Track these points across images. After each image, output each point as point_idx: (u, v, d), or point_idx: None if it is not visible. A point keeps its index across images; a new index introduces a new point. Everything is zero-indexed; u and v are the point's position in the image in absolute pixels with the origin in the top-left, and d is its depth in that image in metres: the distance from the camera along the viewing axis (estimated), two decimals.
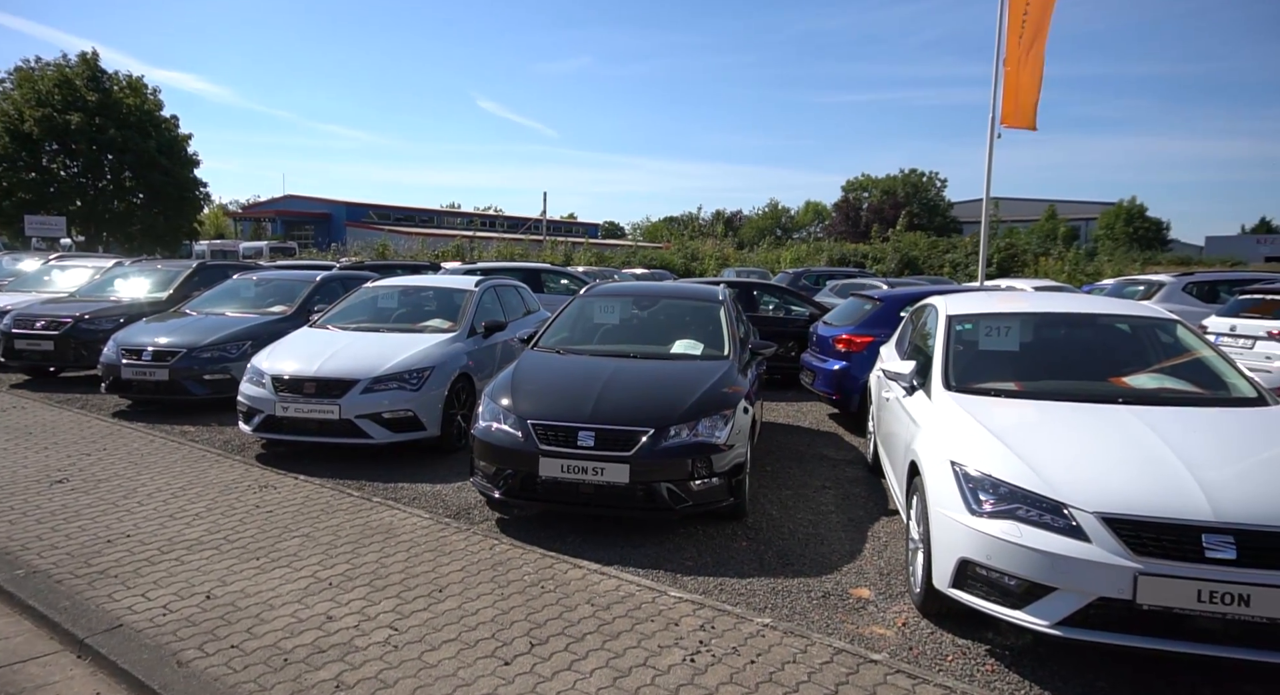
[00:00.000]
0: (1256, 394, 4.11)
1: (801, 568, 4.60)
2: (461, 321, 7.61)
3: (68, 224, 27.75)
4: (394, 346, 6.87)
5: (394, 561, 4.42)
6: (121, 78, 30.85)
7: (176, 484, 5.73)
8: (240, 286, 9.85)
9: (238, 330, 8.45)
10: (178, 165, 31.84)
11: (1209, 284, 13.58)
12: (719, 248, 44.99)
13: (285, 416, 6.34)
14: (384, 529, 4.94)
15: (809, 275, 21.36)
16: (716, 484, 4.88)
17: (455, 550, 4.61)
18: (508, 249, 34.75)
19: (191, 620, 3.65)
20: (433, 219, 70.95)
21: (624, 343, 6.24)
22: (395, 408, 6.42)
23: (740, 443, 5.04)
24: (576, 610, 3.87)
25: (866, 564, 4.67)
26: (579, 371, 5.45)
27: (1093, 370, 4.63)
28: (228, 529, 4.85)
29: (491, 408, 5.12)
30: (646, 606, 3.93)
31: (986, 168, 13.22)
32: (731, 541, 4.97)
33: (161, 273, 11.47)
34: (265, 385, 6.43)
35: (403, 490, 5.87)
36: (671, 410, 4.87)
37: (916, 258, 37.59)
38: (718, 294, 6.67)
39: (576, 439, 4.74)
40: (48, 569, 4.18)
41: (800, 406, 9.74)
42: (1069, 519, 3.23)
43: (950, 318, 4.97)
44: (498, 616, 3.78)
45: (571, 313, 6.64)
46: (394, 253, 30.03)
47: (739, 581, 4.36)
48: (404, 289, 8.31)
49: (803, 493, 6.09)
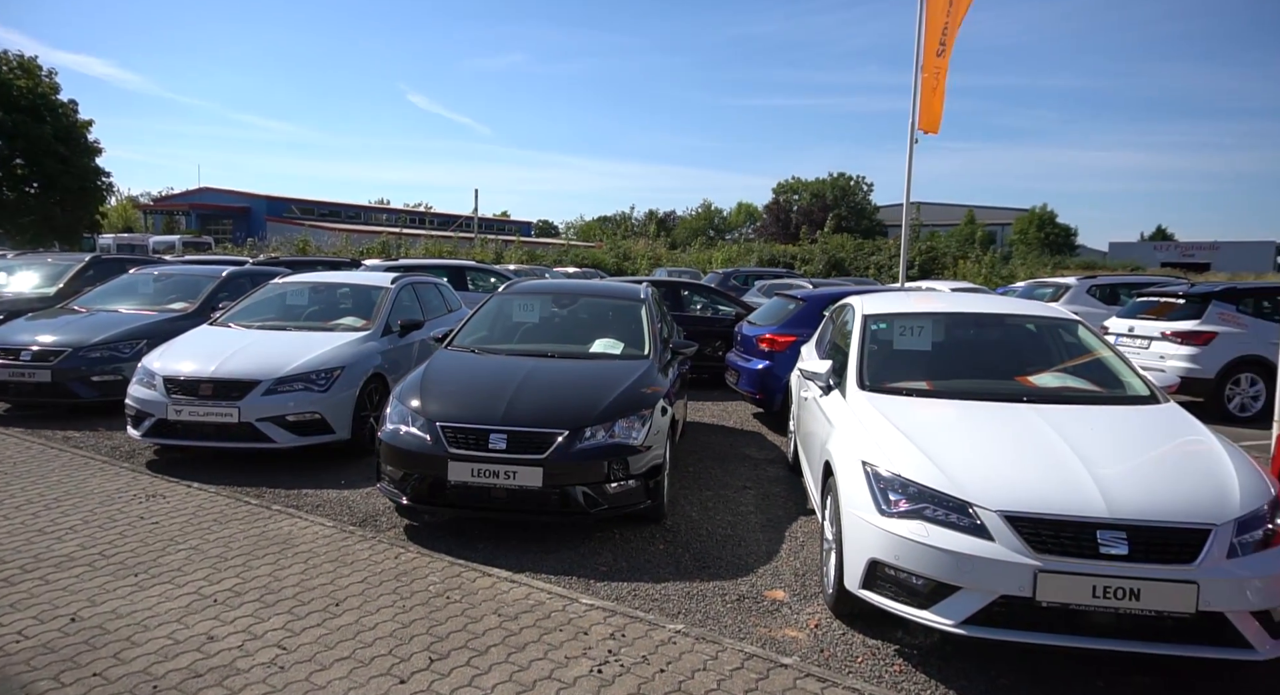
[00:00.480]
0: (1149, 392, 4.25)
1: (718, 570, 4.53)
2: (376, 320, 7.30)
3: None
4: (301, 345, 6.53)
5: (289, 574, 4.15)
6: (12, 57, 28.82)
7: (51, 495, 5.29)
8: (137, 282, 9.25)
9: (131, 328, 7.91)
10: (76, 153, 29.89)
11: (1110, 287, 14.27)
12: (651, 247, 45.11)
13: (179, 420, 5.93)
14: (281, 539, 4.65)
15: (738, 275, 21.56)
16: (633, 486, 4.78)
17: (357, 560, 4.37)
18: (436, 246, 33.95)
19: (50, 646, 3.32)
20: (359, 215, 68.94)
21: (542, 342, 6.08)
22: (301, 410, 6.09)
23: (658, 444, 4.95)
24: (482, 621, 3.70)
25: (783, 565, 4.64)
26: (493, 372, 5.26)
27: (1001, 369, 4.72)
28: (104, 543, 4.48)
29: (400, 409, 4.89)
30: (556, 615, 3.79)
31: (907, 172, 13.56)
32: (649, 545, 4.87)
33: (50, 266, 10.72)
34: (156, 387, 6.01)
35: (306, 497, 5.57)
36: (587, 411, 4.75)
37: (843, 259, 38.49)
38: (639, 293, 6.58)
39: (488, 442, 4.57)
40: None
41: (726, 406, 9.75)
42: (974, 518, 3.24)
43: (866, 317, 5.00)
44: (397, 630, 3.58)
45: (488, 311, 6.44)
46: (316, 249, 28.94)
47: (654, 586, 4.26)
48: (315, 286, 7.93)
49: (723, 493, 6.05)
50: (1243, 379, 9.21)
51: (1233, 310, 9.38)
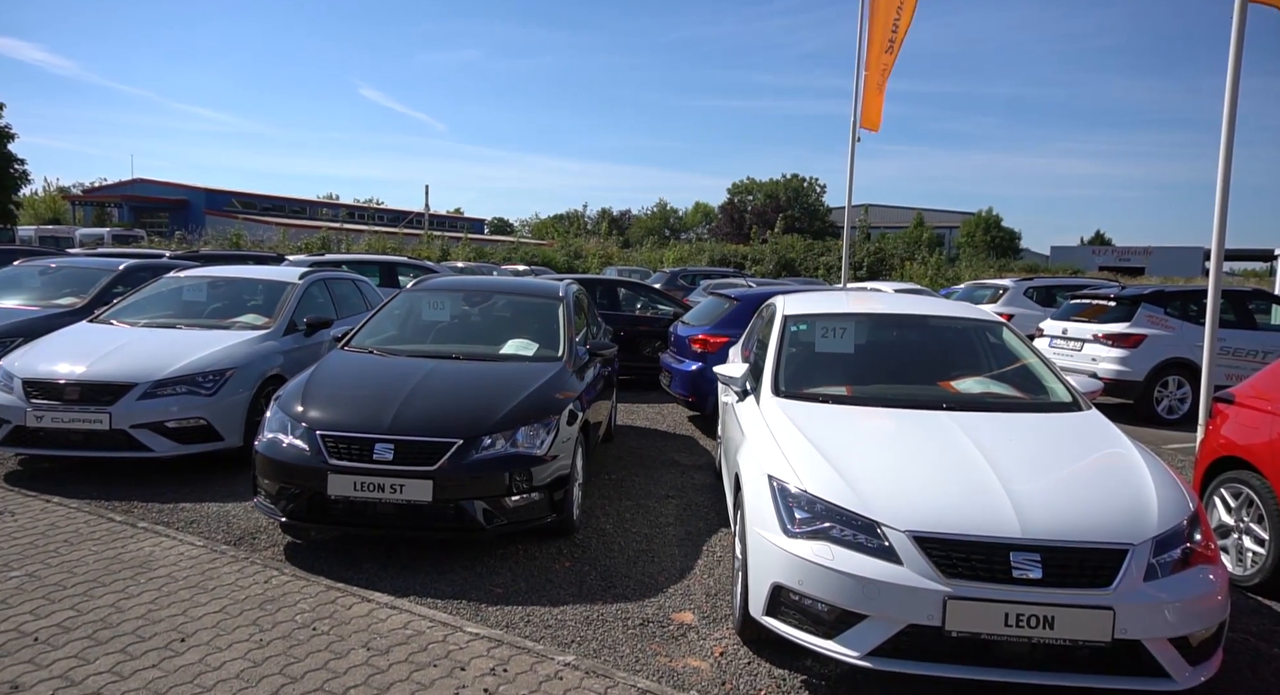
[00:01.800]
0: (1071, 399, 4.05)
1: (624, 590, 4.20)
2: (278, 318, 6.79)
3: None
4: (188, 345, 6.00)
5: (135, 604, 3.69)
6: None
7: None
8: (23, 274, 8.53)
9: (9, 324, 7.24)
10: None
11: (1046, 289, 14.40)
12: (603, 246, 44.76)
13: (40, 427, 5.37)
14: (139, 562, 4.17)
15: (685, 275, 21.36)
16: (537, 499, 4.42)
17: (221, 586, 3.92)
18: (380, 242, 33.00)
19: None
20: (305, 210, 66.90)
21: (451, 342, 5.68)
22: (184, 415, 5.57)
23: (566, 453, 4.61)
24: (347, 657, 3.30)
25: (695, 584, 4.33)
26: (387, 375, 4.85)
27: (924, 373, 4.49)
28: None
29: (279, 417, 4.45)
30: (434, 647, 3.42)
31: (849, 171, 13.46)
32: (553, 562, 4.52)
33: None
34: (14, 390, 5.43)
35: (182, 511, 5.07)
36: (484, 418, 4.37)
37: (794, 260, 38.69)
38: (558, 290, 6.22)
39: (372, 452, 4.16)
40: None
41: (661, 409, 9.45)
42: (881, 539, 2.97)
43: (786, 318, 4.73)
44: (246, 670, 3.16)
45: (394, 308, 6.00)
46: (249, 243, 27.85)
47: (550, 610, 3.91)
48: (214, 280, 7.36)
49: (644, 503, 5.73)
50: (1170, 381, 9.27)
51: (1161, 313, 9.43)
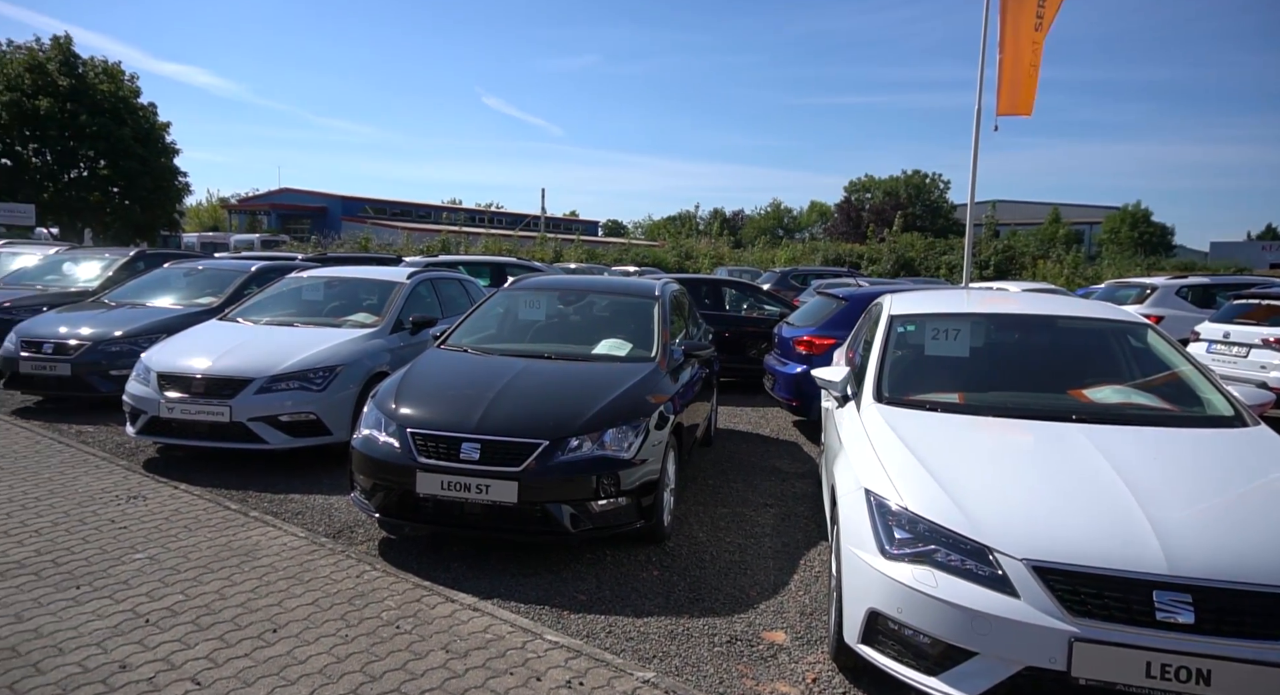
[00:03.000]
0: (1234, 412, 3.50)
1: (713, 604, 4.00)
2: (386, 315, 7.01)
3: (39, 213, 27.18)
4: (302, 342, 6.27)
5: (237, 592, 3.82)
6: (97, 63, 30.27)
7: (35, 493, 5.14)
8: (169, 276, 9.25)
9: (153, 322, 7.85)
10: (155, 154, 31.21)
11: (1204, 288, 12.94)
12: (714, 246, 44.37)
13: (171, 418, 5.74)
14: (245, 550, 4.34)
15: (796, 274, 20.75)
16: (624, 504, 4.28)
17: (316, 578, 4.01)
18: (496, 245, 34.09)
19: None
20: (430, 214, 70.28)
21: (544, 342, 5.64)
22: (296, 410, 5.82)
23: (655, 457, 4.44)
24: (426, 659, 3.27)
25: (789, 601, 4.07)
26: (478, 374, 4.85)
27: (1051, 381, 4.02)
28: (63, 549, 4.25)
29: (374, 414, 4.52)
30: (512, 654, 3.33)
31: (972, 163, 12.59)
32: (641, 570, 4.37)
33: (98, 261, 10.89)
34: (150, 383, 5.84)
35: (291, 502, 5.28)
36: (571, 419, 4.27)
37: (913, 259, 36.94)
38: (653, 289, 6.06)
39: (459, 451, 4.15)
40: None
41: (765, 413, 9.14)
42: (994, 567, 2.62)
43: (892, 318, 4.37)
44: (329, 666, 3.18)
45: (491, 307, 6.04)
46: (377, 246, 29.41)
47: (634, 622, 3.76)
48: (329, 280, 7.70)
49: (740, 512, 5.49)
50: None
51: None
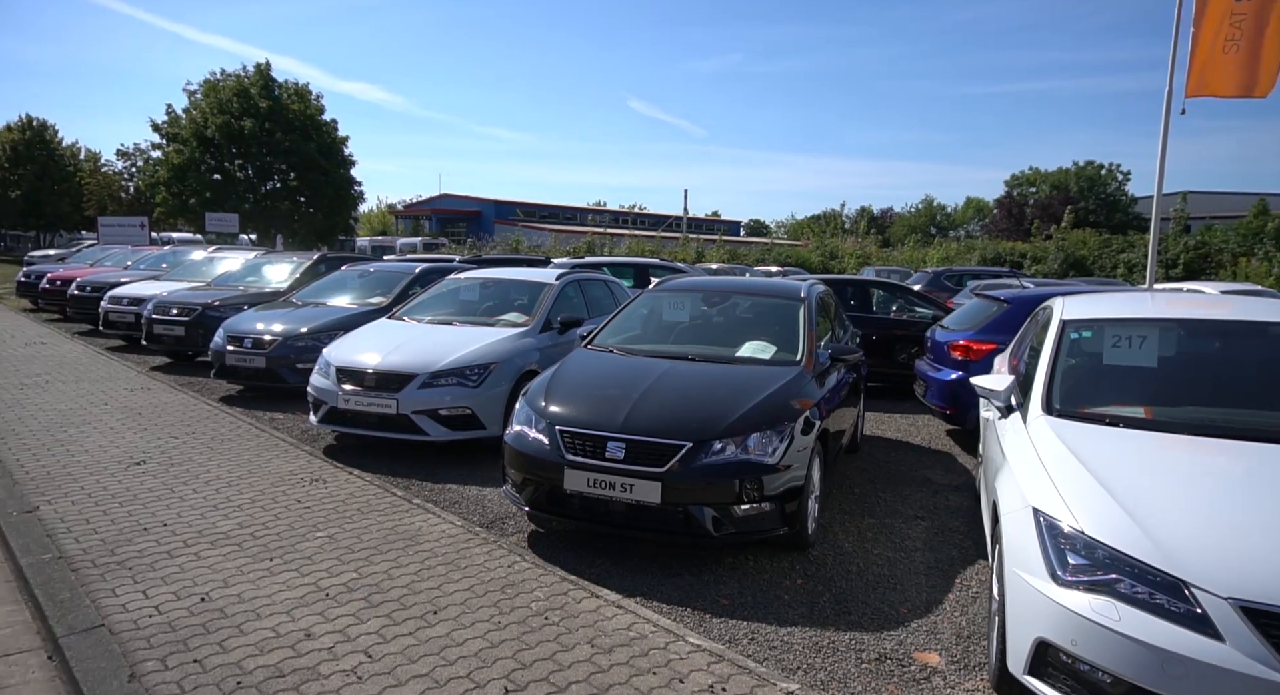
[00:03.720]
0: None
1: (860, 618, 3.86)
2: (535, 316, 7.30)
3: (240, 221, 30.65)
4: (459, 340, 6.66)
5: (403, 573, 4.11)
6: (289, 86, 33.71)
7: (237, 472, 5.77)
8: (346, 278, 10.11)
9: (332, 319, 8.61)
10: (335, 166, 34.36)
11: None
12: (860, 245, 42.83)
13: (347, 409, 6.27)
14: (409, 535, 4.66)
15: (949, 275, 19.62)
16: (767, 510, 4.22)
17: (471, 565, 4.24)
18: (640, 245, 34.68)
19: (174, 625, 3.48)
20: (576, 216, 72.58)
21: (688, 343, 5.66)
22: (454, 404, 6.19)
23: (800, 463, 4.35)
24: (573, 651, 3.37)
25: (944, 621, 3.85)
26: (624, 374, 4.93)
27: (1261, 397, 3.56)
28: (259, 524, 4.75)
29: (525, 411, 4.72)
30: (655, 653, 3.37)
31: (1160, 152, 11.38)
32: (784, 578, 4.29)
33: (288, 264, 12.08)
34: (330, 377, 6.40)
35: (448, 492, 5.62)
36: (715, 422, 4.26)
37: (1085, 257, 33.89)
38: (799, 291, 5.93)
39: (605, 449, 4.24)
40: (75, 554, 4.20)
41: (916, 420, 8.73)
42: (1191, 604, 2.35)
43: (1065, 323, 4.02)
44: (483, 650, 3.35)
45: (636, 308, 6.13)
46: (526, 248, 30.75)
47: (777, 630, 3.69)
48: (485, 282, 8.13)
49: (889, 523, 5.27)
50: None
51: None
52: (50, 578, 3.88)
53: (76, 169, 45.61)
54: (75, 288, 14.66)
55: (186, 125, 31.99)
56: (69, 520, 4.70)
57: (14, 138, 43.16)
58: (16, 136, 43.24)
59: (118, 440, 6.57)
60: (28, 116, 44.34)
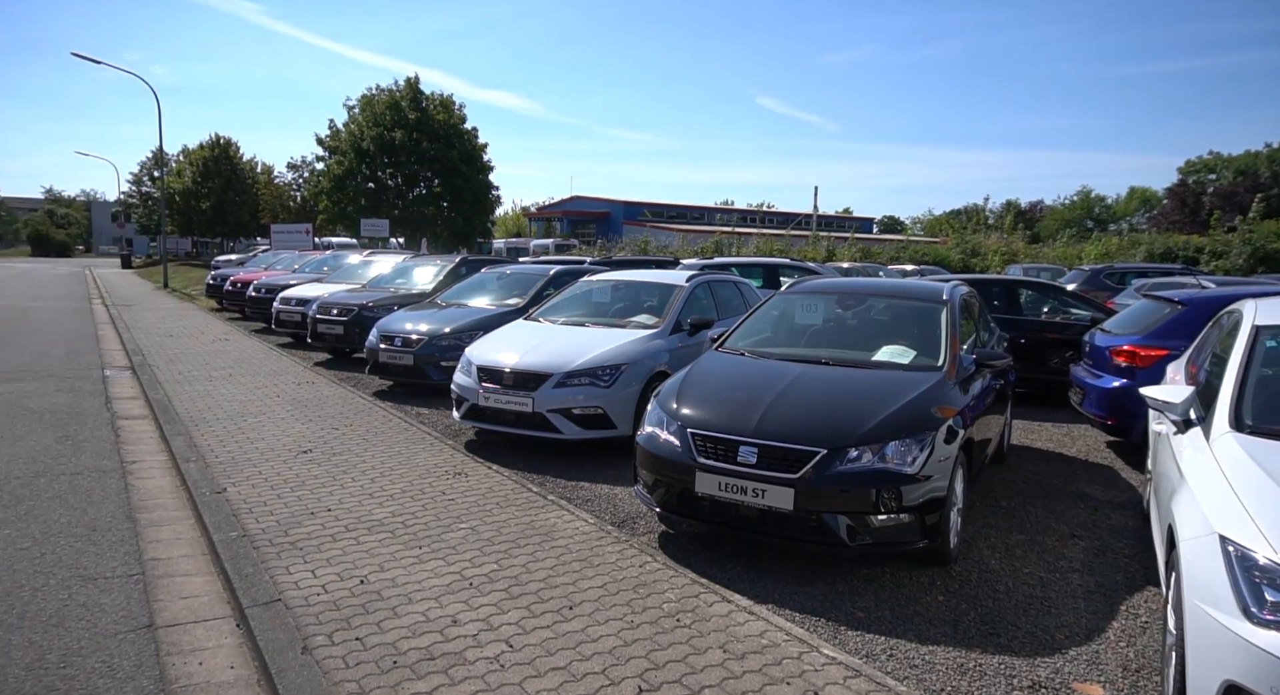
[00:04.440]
0: None
1: (1010, 641, 3.63)
2: (666, 318, 7.37)
3: (390, 226, 32.84)
4: (592, 341, 6.82)
5: (540, 567, 4.26)
6: (435, 97, 35.74)
7: (389, 463, 6.19)
8: (485, 280, 10.61)
9: (473, 320, 9.05)
10: (475, 172, 36.09)
11: None
12: (1005, 242, 40.22)
13: (487, 406, 6.58)
14: (545, 530, 4.83)
15: (1110, 273, 18.02)
16: (906, 521, 4.05)
17: (604, 563, 4.34)
18: (768, 245, 34.20)
19: (338, 604, 3.78)
20: (703, 216, 72.55)
21: (821, 346, 5.52)
22: (586, 404, 6.35)
23: (942, 473, 4.14)
24: (705, 655, 3.37)
25: (1108, 651, 3.56)
26: (756, 377, 4.88)
27: None
28: (409, 513, 5.07)
29: (657, 413, 4.77)
30: (789, 663, 3.31)
31: None
32: (924, 593, 4.11)
33: (433, 267, 12.82)
34: (472, 375, 6.73)
35: (581, 490, 5.77)
36: (851, 428, 4.13)
37: (1277, 251, 30.19)
38: (942, 293, 5.64)
39: (737, 454, 4.21)
40: (256, 533, 4.65)
41: (1070, 430, 8.12)
42: None
43: (1258, 329, 3.60)
44: (617, 648, 3.42)
45: (768, 310, 6.05)
46: (654, 249, 31.05)
47: (918, 648, 3.54)
48: (616, 284, 8.29)
49: (1040, 541, 4.92)
50: None
51: None
52: (236, 554, 4.31)
53: (254, 181, 50.51)
54: (252, 289, 16.25)
55: (345, 138, 34.71)
56: (250, 502, 5.21)
57: (205, 155, 48.40)
58: (207, 154, 48.46)
59: (288, 430, 7.21)
60: (216, 135, 49.60)
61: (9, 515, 5.01)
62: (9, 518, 4.97)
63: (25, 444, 6.73)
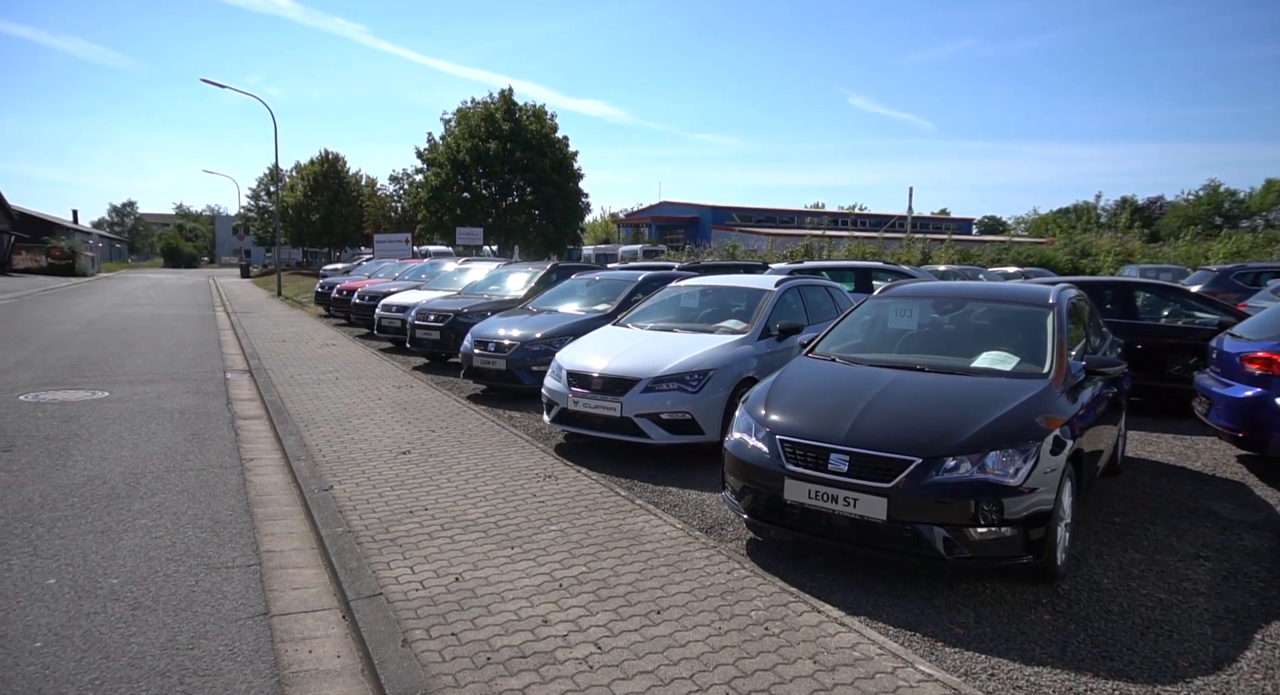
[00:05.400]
0: None
1: (1126, 666, 3.41)
2: (754, 323, 7.30)
3: (485, 235, 33.96)
4: (680, 347, 6.84)
5: (628, 571, 4.29)
6: (527, 108, 36.75)
7: (482, 465, 6.38)
8: (575, 286, 10.80)
9: (563, 325, 9.23)
10: (565, 180, 36.89)
11: None
12: (1119, 241, 37.84)
13: (576, 410, 6.69)
14: (633, 534, 4.86)
15: (1241, 273, 16.67)
16: (1008, 535, 3.87)
17: (692, 568, 4.33)
18: (859, 247, 33.41)
19: (435, 600, 3.92)
20: (792, 219, 71.56)
21: (917, 352, 5.34)
22: (674, 409, 6.37)
23: (1048, 486, 3.94)
24: (794, 665, 3.32)
25: (1241, 683, 3.30)
26: (847, 383, 4.76)
27: None
28: (501, 514, 5.21)
29: (745, 419, 4.73)
30: (882, 678, 3.22)
31: None
32: (1028, 611, 3.91)
33: (525, 273, 13.15)
34: (562, 380, 6.86)
35: (669, 495, 5.78)
36: (948, 437, 3.98)
37: None
38: (1048, 296, 5.36)
39: (828, 462, 4.13)
40: (359, 530, 4.89)
41: (1194, 442, 7.56)
42: None
43: None
44: (705, 654, 3.41)
45: (860, 315, 5.89)
46: (743, 253, 30.82)
47: (1021, 669, 3.37)
48: (704, 289, 8.28)
49: (1160, 560, 4.60)
50: None
51: None
52: (342, 548, 4.54)
53: (359, 193, 53.30)
54: (356, 297, 17.10)
55: (442, 150, 36.17)
56: (354, 499, 5.48)
57: (315, 170, 51.50)
58: (317, 169, 51.55)
59: (388, 431, 7.54)
60: (325, 151, 52.70)
61: (146, 506, 5.45)
62: (146, 509, 5.40)
63: (159, 441, 7.31)
